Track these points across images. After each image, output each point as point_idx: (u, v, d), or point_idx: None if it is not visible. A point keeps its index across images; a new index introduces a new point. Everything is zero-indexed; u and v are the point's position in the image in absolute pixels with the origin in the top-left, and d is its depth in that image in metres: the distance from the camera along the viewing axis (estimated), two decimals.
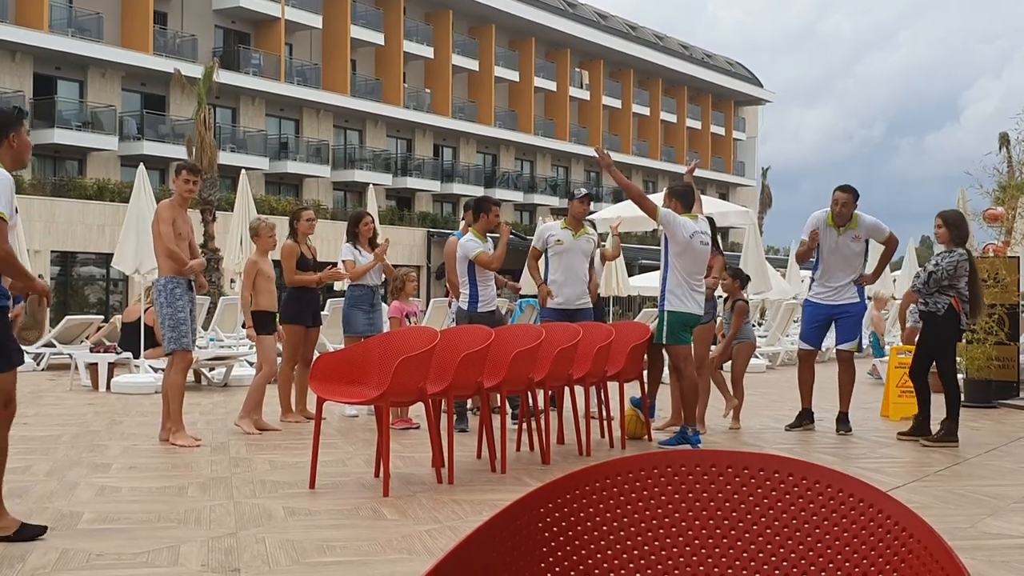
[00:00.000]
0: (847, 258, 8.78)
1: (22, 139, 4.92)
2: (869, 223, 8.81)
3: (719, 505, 1.69)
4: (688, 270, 7.85)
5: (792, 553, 1.63)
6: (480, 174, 50.18)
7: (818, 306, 8.92)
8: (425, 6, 48.32)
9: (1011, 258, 11.83)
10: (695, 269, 7.91)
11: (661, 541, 1.69)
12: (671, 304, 7.84)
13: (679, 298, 7.83)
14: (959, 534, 5.00)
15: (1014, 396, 11.43)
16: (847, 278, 8.79)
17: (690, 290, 7.86)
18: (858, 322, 8.97)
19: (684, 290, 7.83)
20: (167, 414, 7.80)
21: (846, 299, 8.81)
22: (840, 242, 8.73)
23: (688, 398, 7.90)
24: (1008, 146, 14.73)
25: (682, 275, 7.82)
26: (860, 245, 8.84)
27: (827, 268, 8.84)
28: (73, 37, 35.34)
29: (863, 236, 8.83)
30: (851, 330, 8.87)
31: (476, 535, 1.63)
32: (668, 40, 64.02)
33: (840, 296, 8.80)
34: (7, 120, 4.90)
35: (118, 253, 12.60)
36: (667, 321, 7.86)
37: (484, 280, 8.74)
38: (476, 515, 5.31)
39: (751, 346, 9.58)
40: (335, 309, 14.67)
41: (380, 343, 6.66)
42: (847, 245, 8.74)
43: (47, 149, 34.77)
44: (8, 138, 4.88)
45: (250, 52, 41.12)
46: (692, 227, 7.86)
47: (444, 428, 6.56)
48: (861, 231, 8.79)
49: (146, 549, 4.55)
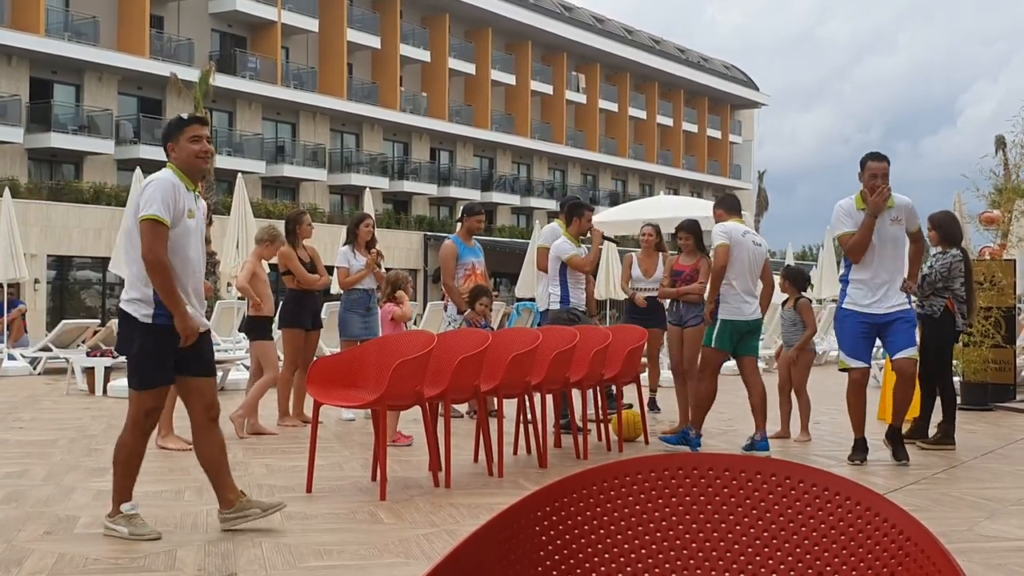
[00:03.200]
0: (890, 244, 7.12)
1: (180, 146, 5.02)
2: (906, 203, 7.19)
3: (716, 508, 1.69)
4: (737, 276, 7.73)
5: (789, 556, 1.63)
6: (477, 177, 50.19)
7: (860, 315, 7.16)
8: (421, 10, 48.34)
9: (1007, 261, 11.84)
10: (745, 275, 7.79)
11: (659, 544, 1.69)
12: (722, 312, 7.74)
13: (732, 306, 7.73)
14: (956, 537, 5.00)
15: (1011, 399, 11.43)
16: (893, 274, 7.14)
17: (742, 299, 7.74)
18: (913, 328, 7.32)
19: (737, 299, 7.74)
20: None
21: (896, 306, 7.11)
22: (879, 227, 7.05)
23: (701, 404, 7.85)
24: (1004, 149, 14.76)
25: (731, 282, 7.73)
26: (901, 228, 7.16)
27: (866, 262, 7.11)
28: (69, 41, 35.31)
29: (902, 218, 7.14)
30: (908, 335, 7.23)
31: (473, 539, 1.63)
32: (664, 43, 64.08)
33: (887, 301, 7.09)
34: (170, 126, 5.09)
35: (115, 257, 12.59)
36: (718, 328, 7.75)
37: (575, 282, 8.78)
38: (473, 519, 5.31)
39: (812, 354, 9.06)
40: (331, 313, 14.65)
41: (376, 347, 6.66)
42: (886, 228, 7.07)
43: (43, 153, 34.75)
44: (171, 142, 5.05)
45: (246, 56, 41.11)
46: (740, 229, 7.86)
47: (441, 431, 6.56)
48: (900, 211, 7.12)
49: (143, 553, 4.55)
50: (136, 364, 4.94)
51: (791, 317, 8.84)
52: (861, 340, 7.20)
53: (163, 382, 4.95)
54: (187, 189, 4.99)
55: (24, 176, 33.73)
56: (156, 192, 4.85)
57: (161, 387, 4.95)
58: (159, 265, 4.79)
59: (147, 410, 4.91)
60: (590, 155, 56.35)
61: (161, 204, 4.83)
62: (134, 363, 4.96)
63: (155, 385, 4.92)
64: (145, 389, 4.90)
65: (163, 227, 4.83)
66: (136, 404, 4.92)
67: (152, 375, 4.91)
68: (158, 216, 4.81)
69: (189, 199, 4.98)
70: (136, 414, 4.91)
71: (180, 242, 4.92)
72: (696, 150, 64.45)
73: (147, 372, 4.91)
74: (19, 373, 15.13)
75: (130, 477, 4.93)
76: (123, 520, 4.82)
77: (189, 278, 4.97)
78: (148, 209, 4.82)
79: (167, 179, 4.92)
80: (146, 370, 4.91)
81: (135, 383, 4.94)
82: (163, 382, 4.95)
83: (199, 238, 5.07)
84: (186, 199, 4.95)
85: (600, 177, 58.20)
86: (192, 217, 4.98)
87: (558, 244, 8.86)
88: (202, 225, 5.13)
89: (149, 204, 4.83)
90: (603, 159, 57.04)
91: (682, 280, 9.00)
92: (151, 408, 4.92)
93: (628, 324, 9.60)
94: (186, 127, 5.02)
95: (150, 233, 4.81)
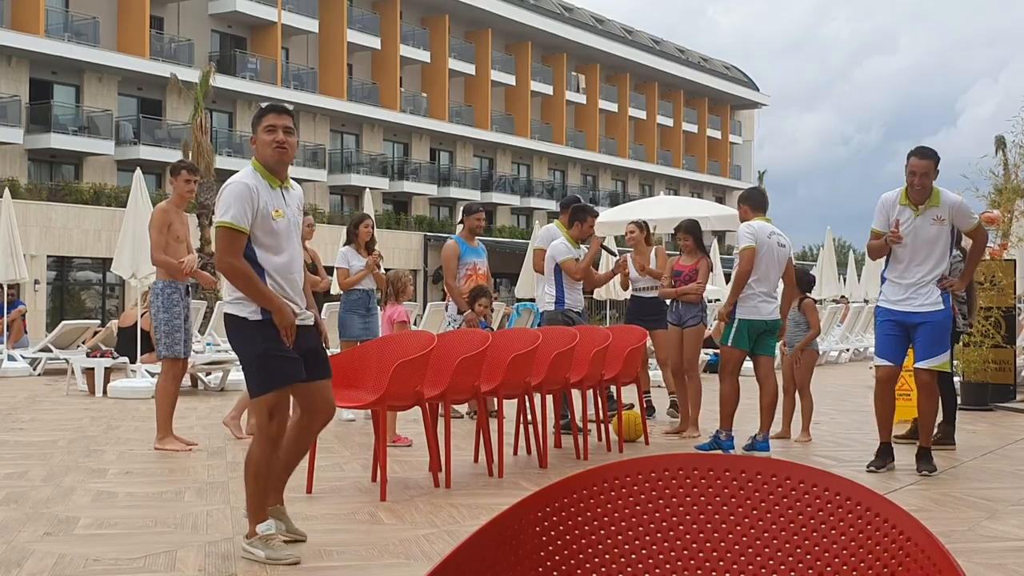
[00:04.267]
0: (926, 244, 6.87)
1: (258, 138, 4.63)
2: (954, 202, 6.94)
3: (717, 509, 1.69)
4: (760, 278, 7.69)
5: (790, 557, 1.63)
6: (477, 178, 50.20)
7: (890, 312, 6.98)
8: (421, 10, 48.35)
9: (1007, 261, 11.84)
10: (768, 276, 7.76)
11: (659, 545, 1.69)
12: (740, 312, 7.72)
13: (750, 305, 7.70)
14: (956, 537, 5.00)
15: (1011, 399, 11.43)
16: (927, 273, 6.90)
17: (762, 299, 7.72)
18: (944, 333, 6.97)
19: (756, 298, 7.71)
20: None
21: (926, 305, 6.88)
22: (918, 225, 6.85)
23: (726, 404, 7.78)
24: (1004, 149, 14.76)
25: (752, 283, 7.68)
26: (943, 229, 6.90)
27: (899, 259, 6.93)
28: (69, 42, 35.31)
29: (947, 218, 6.89)
30: (934, 342, 6.90)
31: (473, 539, 1.63)
32: (664, 44, 64.10)
33: (917, 300, 6.89)
34: (253, 119, 4.70)
35: (117, 258, 12.59)
36: (735, 327, 7.72)
37: (571, 282, 8.75)
38: (473, 519, 5.31)
39: (815, 354, 9.04)
40: (331, 313, 14.64)
41: (376, 347, 6.66)
42: (925, 228, 6.85)
43: (43, 154, 34.76)
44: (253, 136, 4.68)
45: (246, 56, 41.12)
46: (767, 230, 7.79)
47: (441, 432, 6.56)
48: (944, 211, 6.88)
49: (143, 554, 4.55)
50: (249, 366, 4.55)
51: (795, 317, 8.78)
52: (890, 338, 6.99)
53: (284, 382, 4.51)
54: (270, 187, 4.56)
55: (24, 177, 33.73)
56: (228, 197, 4.47)
57: (283, 387, 4.52)
58: (233, 271, 4.42)
59: (270, 413, 4.49)
60: (590, 155, 56.37)
61: (236, 211, 4.42)
62: (248, 365, 4.56)
63: (275, 387, 4.49)
64: (265, 392, 4.48)
65: (238, 234, 4.43)
66: (256, 409, 4.57)
67: (270, 376, 4.48)
68: (232, 224, 4.42)
69: (273, 197, 4.54)
70: (260, 419, 4.55)
71: (269, 243, 4.51)
72: (696, 150, 64.45)
73: (264, 373, 4.48)
74: (19, 374, 15.14)
75: (263, 492, 4.53)
76: (260, 543, 4.47)
77: (286, 281, 4.56)
78: (221, 216, 4.44)
79: (241, 181, 4.50)
80: (263, 371, 4.48)
81: (253, 388, 4.54)
82: (284, 382, 4.51)
83: (293, 237, 4.63)
84: (268, 198, 4.52)
85: (600, 178, 58.22)
86: (280, 216, 4.54)
87: (555, 245, 8.82)
88: (297, 220, 4.69)
89: (221, 211, 4.45)
90: (603, 159, 57.05)
91: (681, 280, 8.99)
92: (273, 410, 4.50)
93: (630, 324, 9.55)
94: (263, 117, 4.61)
95: (222, 241, 4.44)
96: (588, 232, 8.83)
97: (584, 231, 8.81)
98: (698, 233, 9.05)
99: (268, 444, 4.51)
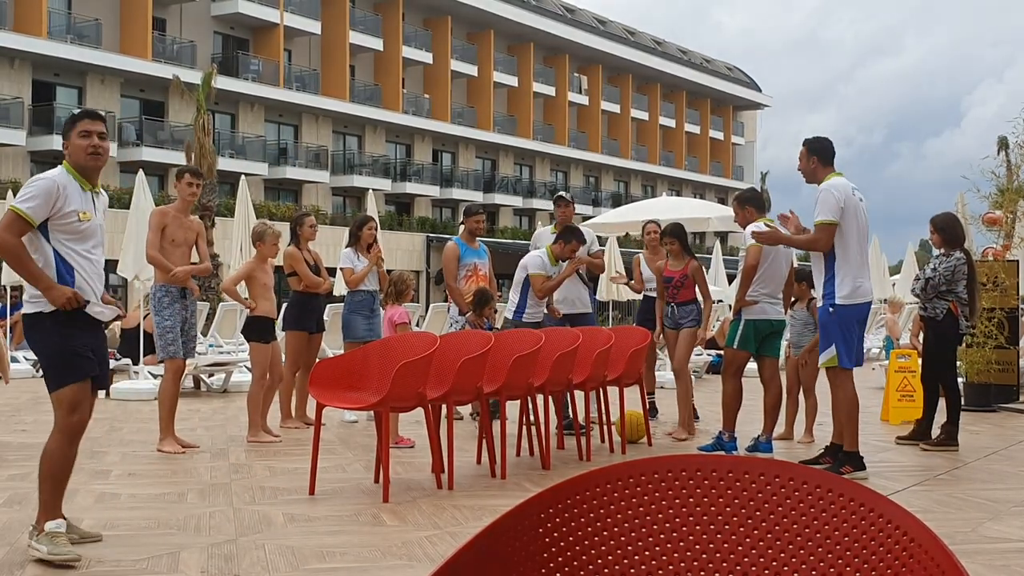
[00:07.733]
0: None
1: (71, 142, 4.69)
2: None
3: (720, 510, 1.68)
4: (766, 279, 7.72)
5: (793, 558, 1.62)
6: (479, 179, 50.23)
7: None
8: (424, 12, 48.39)
9: (1010, 262, 11.82)
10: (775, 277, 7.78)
11: (662, 546, 1.69)
12: (746, 312, 7.70)
13: (757, 306, 7.69)
14: (960, 538, 4.99)
15: (1014, 400, 11.42)
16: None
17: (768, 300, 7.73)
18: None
19: (762, 299, 7.71)
20: None
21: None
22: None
23: (728, 406, 7.77)
24: (1007, 150, 14.73)
25: (757, 283, 7.70)
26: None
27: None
28: (72, 44, 35.38)
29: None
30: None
31: (476, 541, 1.63)
32: (667, 45, 64.12)
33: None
34: (65, 123, 4.75)
35: (121, 260, 12.62)
36: (741, 329, 7.72)
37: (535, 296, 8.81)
38: (476, 521, 5.31)
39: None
40: (335, 315, 14.67)
41: (380, 348, 6.66)
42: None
43: (46, 156, 34.76)
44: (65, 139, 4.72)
45: (249, 58, 41.17)
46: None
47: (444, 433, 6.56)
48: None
49: (146, 556, 4.55)
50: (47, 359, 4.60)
51: (803, 318, 8.65)
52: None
53: (83, 375, 4.56)
54: (81, 189, 4.61)
55: (26, 178, 33.67)
56: (37, 190, 4.50)
57: (82, 380, 4.55)
58: (5, 244, 4.45)
59: (71, 407, 4.53)
60: (592, 156, 56.39)
61: (36, 204, 4.47)
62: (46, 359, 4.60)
63: (74, 380, 4.53)
64: (63, 385, 4.51)
65: (25, 224, 4.46)
66: (57, 404, 4.55)
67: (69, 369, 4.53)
68: (27, 215, 4.46)
69: (83, 200, 4.60)
70: (61, 415, 4.56)
71: (75, 243, 4.56)
72: (698, 151, 64.45)
73: (63, 366, 4.53)
74: (22, 375, 15.14)
75: (58, 488, 4.59)
76: (45, 539, 4.45)
77: (94, 279, 4.64)
78: (22, 203, 4.47)
79: (53, 179, 4.54)
80: (61, 365, 4.53)
81: (52, 382, 4.56)
82: (83, 375, 4.56)
83: (99, 238, 4.72)
84: (78, 200, 4.57)
85: (602, 178, 58.24)
86: (88, 219, 4.59)
87: (532, 256, 8.91)
88: (103, 224, 4.77)
89: (24, 198, 4.49)
90: (605, 160, 57.06)
91: (672, 286, 8.97)
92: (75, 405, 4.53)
93: (641, 325, 9.53)
94: (77, 122, 4.65)
95: (7, 219, 4.47)
96: (568, 255, 8.87)
97: (564, 252, 8.85)
98: (684, 236, 9.01)
99: (65, 440, 4.58)
